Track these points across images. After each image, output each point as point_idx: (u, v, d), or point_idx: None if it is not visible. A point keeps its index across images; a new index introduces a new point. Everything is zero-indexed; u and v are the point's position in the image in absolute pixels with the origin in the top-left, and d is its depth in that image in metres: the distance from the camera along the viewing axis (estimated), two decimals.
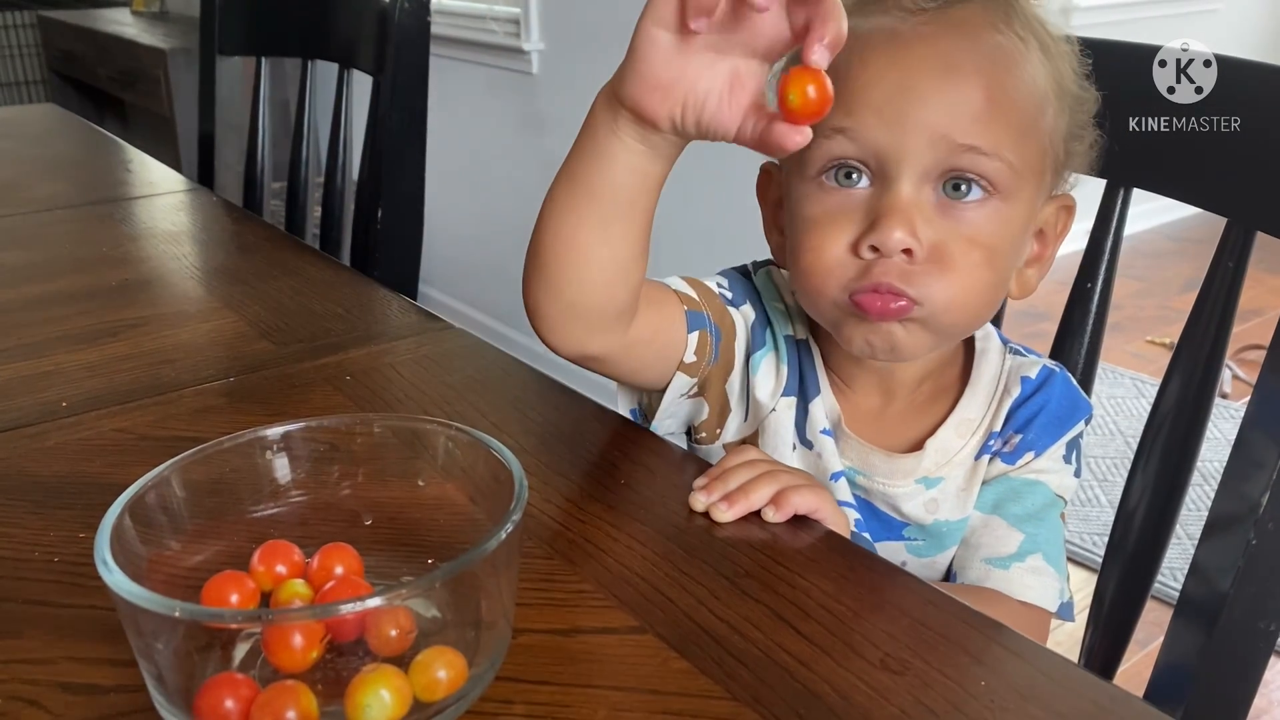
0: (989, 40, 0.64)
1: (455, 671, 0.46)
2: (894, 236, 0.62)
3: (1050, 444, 0.73)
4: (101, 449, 0.72)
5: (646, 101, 0.55)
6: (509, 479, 0.51)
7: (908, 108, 0.62)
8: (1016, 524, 0.71)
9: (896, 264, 0.63)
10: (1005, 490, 0.72)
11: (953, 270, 0.64)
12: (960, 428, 0.73)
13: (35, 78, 4.24)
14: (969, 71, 0.63)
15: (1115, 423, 2.51)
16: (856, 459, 0.74)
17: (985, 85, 0.62)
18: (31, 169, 1.55)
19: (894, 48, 0.63)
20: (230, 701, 0.44)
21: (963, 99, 0.62)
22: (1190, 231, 3.68)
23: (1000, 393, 0.74)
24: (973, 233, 0.64)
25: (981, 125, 0.62)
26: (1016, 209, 0.65)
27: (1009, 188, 0.64)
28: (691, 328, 0.71)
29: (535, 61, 2.54)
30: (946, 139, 0.62)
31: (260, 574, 0.52)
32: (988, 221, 0.64)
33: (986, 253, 0.64)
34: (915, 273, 0.63)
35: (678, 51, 0.53)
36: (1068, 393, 0.74)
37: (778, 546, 0.60)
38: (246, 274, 1.09)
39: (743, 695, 0.48)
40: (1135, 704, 0.48)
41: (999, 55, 0.64)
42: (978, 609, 0.50)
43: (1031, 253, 0.71)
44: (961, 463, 0.73)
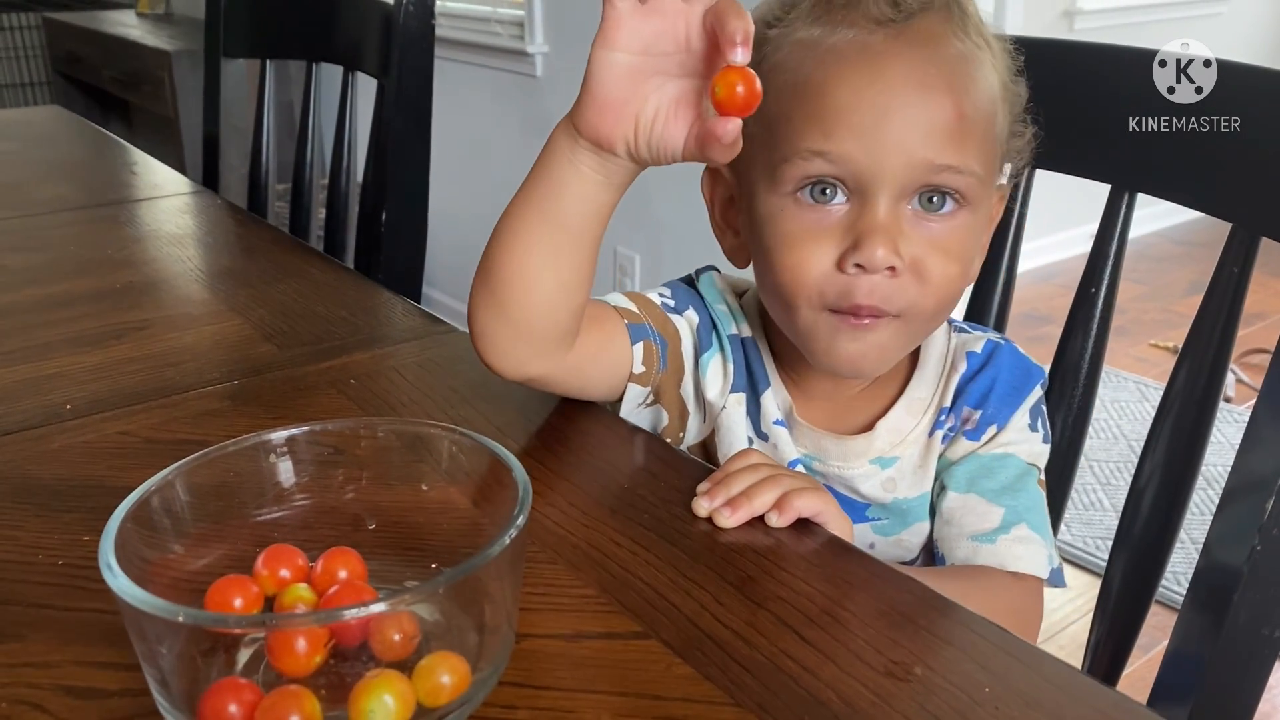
0: (953, 52, 0.65)
1: (459, 676, 0.46)
2: (878, 255, 0.64)
3: (1010, 414, 0.74)
4: (105, 452, 0.72)
5: (603, 125, 0.60)
6: (513, 483, 0.51)
7: (887, 130, 0.63)
8: (994, 499, 0.72)
9: (879, 280, 0.65)
10: (976, 467, 0.74)
11: (930, 282, 0.66)
12: (911, 407, 0.75)
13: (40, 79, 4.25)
14: (942, 89, 0.64)
15: (1119, 426, 2.50)
16: (810, 445, 0.76)
17: (956, 102, 0.64)
18: (36, 171, 1.55)
19: (869, 65, 0.64)
20: (234, 706, 0.44)
21: (939, 119, 0.64)
22: (1194, 235, 3.67)
23: (948, 369, 0.76)
24: (946, 243, 0.66)
25: (956, 143, 0.64)
26: (979, 214, 0.68)
27: (977, 197, 0.67)
28: (635, 339, 0.74)
29: (539, 64, 2.55)
30: (925, 160, 0.64)
31: (264, 578, 0.52)
32: (958, 231, 0.67)
33: (958, 261, 0.67)
34: (896, 287, 0.66)
35: (628, 75, 0.59)
36: (1017, 362, 0.76)
37: (781, 551, 0.60)
38: (251, 277, 1.09)
39: (747, 701, 0.48)
40: (1139, 711, 0.48)
41: (962, 67, 0.65)
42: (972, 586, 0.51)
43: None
44: (915, 441, 0.75)
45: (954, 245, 0.67)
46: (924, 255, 0.66)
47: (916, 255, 0.65)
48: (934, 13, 0.65)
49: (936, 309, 0.68)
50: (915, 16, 0.65)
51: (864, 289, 0.65)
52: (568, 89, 2.48)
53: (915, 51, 0.64)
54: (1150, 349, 2.96)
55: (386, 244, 1.36)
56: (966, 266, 0.69)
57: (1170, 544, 0.81)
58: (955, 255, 0.67)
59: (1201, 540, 0.76)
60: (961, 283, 0.69)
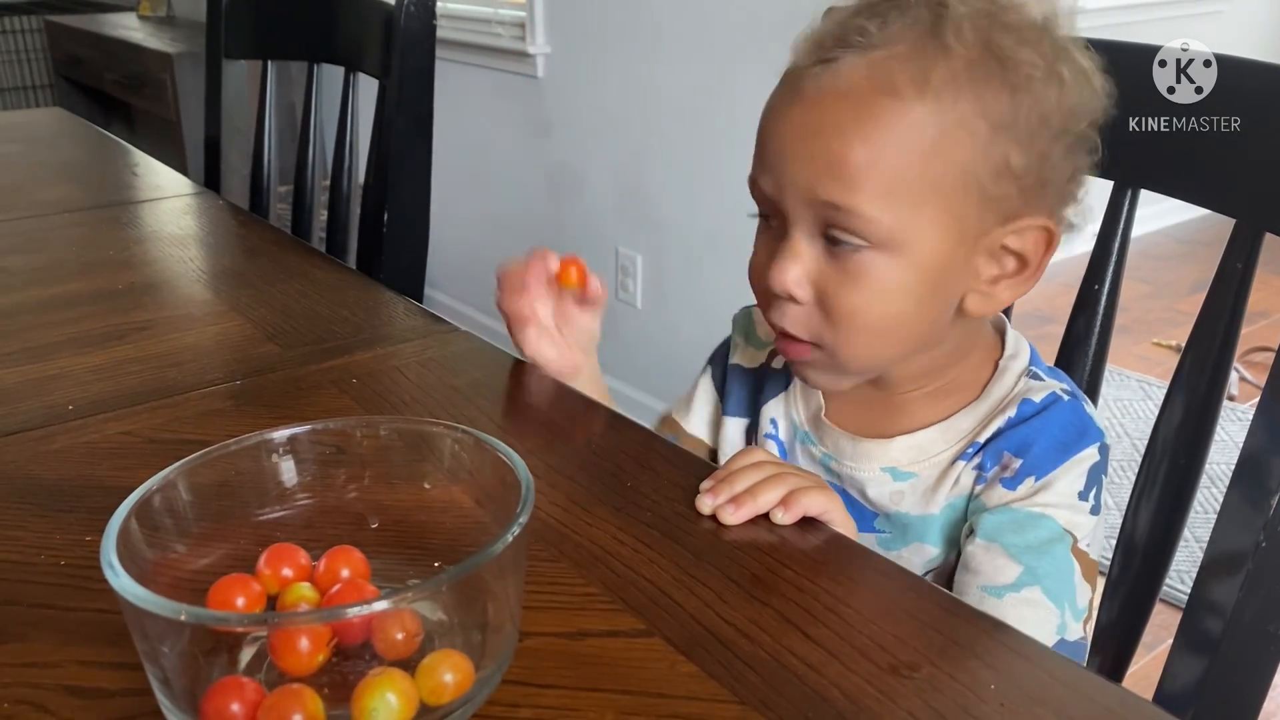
0: (864, 97, 0.64)
1: (462, 675, 0.46)
2: (777, 281, 0.68)
3: (1052, 469, 0.71)
4: (107, 452, 0.72)
5: (566, 375, 0.83)
6: (515, 482, 0.50)
7: (785, 167, 0.67)
8: (1017, 555, 0.69)
9: (791, 308, 0.69)
10: (1008, 520, 0.70)
11: (832, 315, 0.68)
12: (947, 433, 0.74)
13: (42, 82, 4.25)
14: (835, 132, 0.65)
15: (1122, 425, 2.50)
16: (831, 445, 0.78)
17: (848, 145, 0.64)
18: (38, 173, 1.55)
19: (785, 107, 0.68)
20: (236, 705, 0.44)
21: (828, 161, 0.65)
22: (1198, 234, 3.67)
23: (998, 411, 0.73)
24: (855, 281, 0.67)
25: (845, 185, 0.65)
26: (907, 256, 0.66)
27: (885, 240, 0.66)
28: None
29: (540, 65, 2.54)
30: (815, 198, 0.66)
31: (266, 577, 0.52)
32: (870, 270, 0.67)
33: (871, 298, 0.67)
34: (805, 316, 0.69)
35: (552, 344, 0.82)
36: (1074, 419, 0.72)
37: (785, 549, 0.59)
38: (253, 277, 1.09)
39: (751, 699, 0.48)
40: (1145, 708, 0.48)
41: (867, 113, 0.64)
42: None
43: (1002, 271, 0.70)
44: (936, 463, 0.74)
45: (863, 280, 0.67)
46: (830, 287, 0.68)
47: (823, 287, 0.68)
48: (876, 50, 0.65)
49: (849, 344, 0.69)
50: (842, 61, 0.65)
51: (777, 312, 0.70)
52: (569, 90, 2.49)
53: (825, 96, 0.66)
54: (1154, 348, 2.96)
55: (388, 245, 1.36)
56: (889, 302, 0.67)
57: (1174, 542, 0.81)
58: (865, 290, 0.67)
59: (1205, 538, 0.76)
60: (882, 318, 0.68)
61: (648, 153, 2.32)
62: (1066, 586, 0.69)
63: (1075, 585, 0.69)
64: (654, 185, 2.32)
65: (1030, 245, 0.69)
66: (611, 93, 2.38)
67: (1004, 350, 0.76)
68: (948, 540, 0.75)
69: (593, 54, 2.42)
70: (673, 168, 2.26)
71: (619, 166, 2.41)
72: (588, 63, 2.44)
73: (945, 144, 0.65)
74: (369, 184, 1.38)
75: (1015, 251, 0.69)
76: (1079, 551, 0.70)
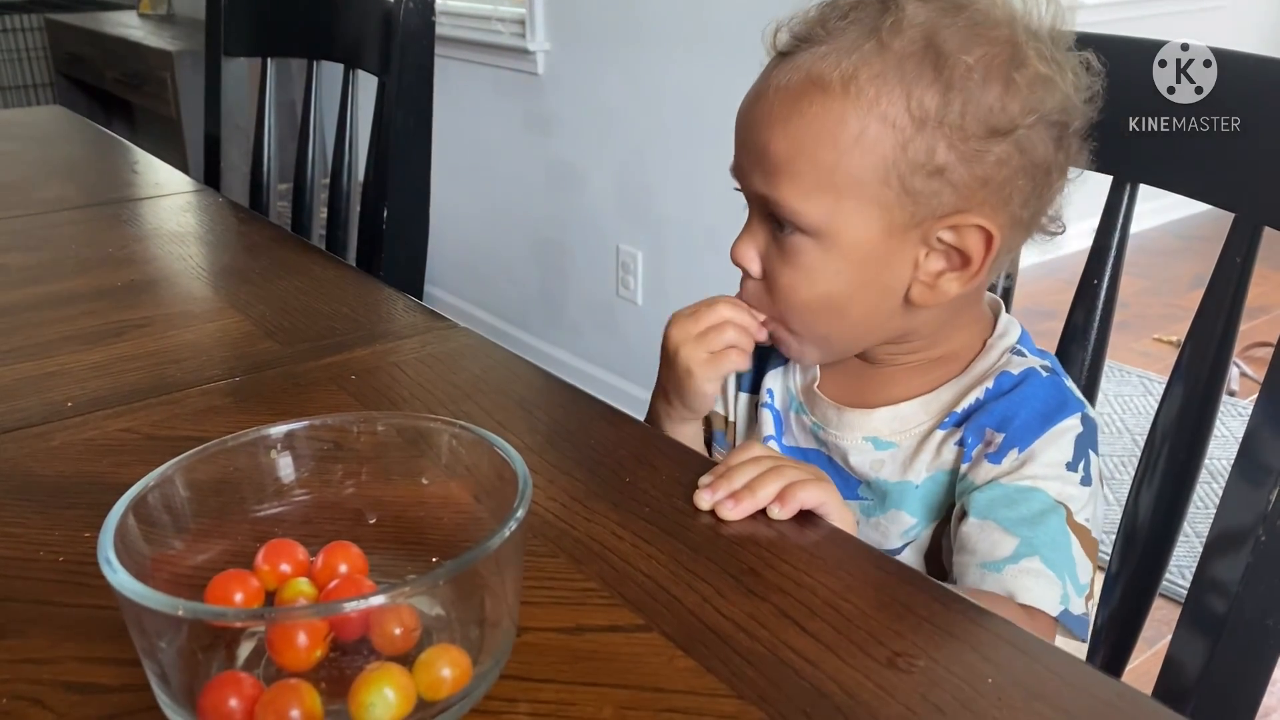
0: (794, 91, 0.69)
1: (460, 670, 0.46)
2: (733, 254, 0.75)
3: (1034, 439, 0.71)
4: (107, 449, 0.72)
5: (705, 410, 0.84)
6: (513, 477, 0.50)
7: (738, 157, 0.74)
8: (1011, 528, 0.69)
9: (749, 282, 0.76)
10: (999, 495, 0.71)
11: (775, 291, 0.74)
12: (929, 405, 0.77)
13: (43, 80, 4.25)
14: (766, 123, 0.70)
15: (1122, 420, 2.50)
16: (819, 415, 0.81)
17: (771, 140, 0.70)
18: (38, 170, 1.55)
19: (746, 98, 0.73)
20: (234, 700, 0.44)
21: (754, 152, 0.71)
22: (1197, 229, 3.67)
23: (978, 383, 0.75)
24: (789, 260, 0.72)
25: (767, 177, 0.70)
26: (834, 242, 0.70)
27: (812, 227, 0.70)
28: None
29: (540, 62, 2.54)
30: (751, 187, 0.72)
31: (264, 573, 0.52)
32: (800, 253, 0.71)
33: (800, 277, 0.72)
34: (760, 292, 0.75)
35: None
36: (1054, 392, 0.74)
37: (783, 544, 0.59)
38: (252, 274, 1.09)
39: (749, 694, 0.48)
40: (1144, 702, 0.48)
41: (795, 110, 0.69)
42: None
43: (942, 266, 0.71)
44: (916, 433, 0.76)
45: (796, 263, 0.72)
46: (772, 267, 0.74)
47: (768, 266, 0.74)
48: (823, 45, 0.68)
49: (791, 318, 0.74)
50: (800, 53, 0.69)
51: (741, 286, 0.77)
52: (569, 87, 2.49)
53: (770, 87, 0.70)
54: (1153, 343, 2.96)
55: (388, 242, 1.36)
56: (817, 288, 0.72)
57: (1174, 536, 0.81)
58: (798, 272, 0.72)
59: (1204, 532, 0.76)
60: (815, 301, 0.73)
61: (648, 149, 2.32)
62: (1065, 557, 0.69)
63: (1075, 558, 0.70)
64: (655, 182, 2.32)
65: (970, 243, 0.70)
66: (612, 90, 2.38)
67: (994, 330, 0.78)
68: (927, 510, 0.76)
69: (593, 51, 2.42)
70: (673, 164, 2.26)
71: (619, 163, 2.41)
72: (588, 60, 2.44)
73: (866, 139, 0.67)
74: (369, 181, 1.38)
75: (955, 247, 0.70)
76: (1076, 525, 0.70)
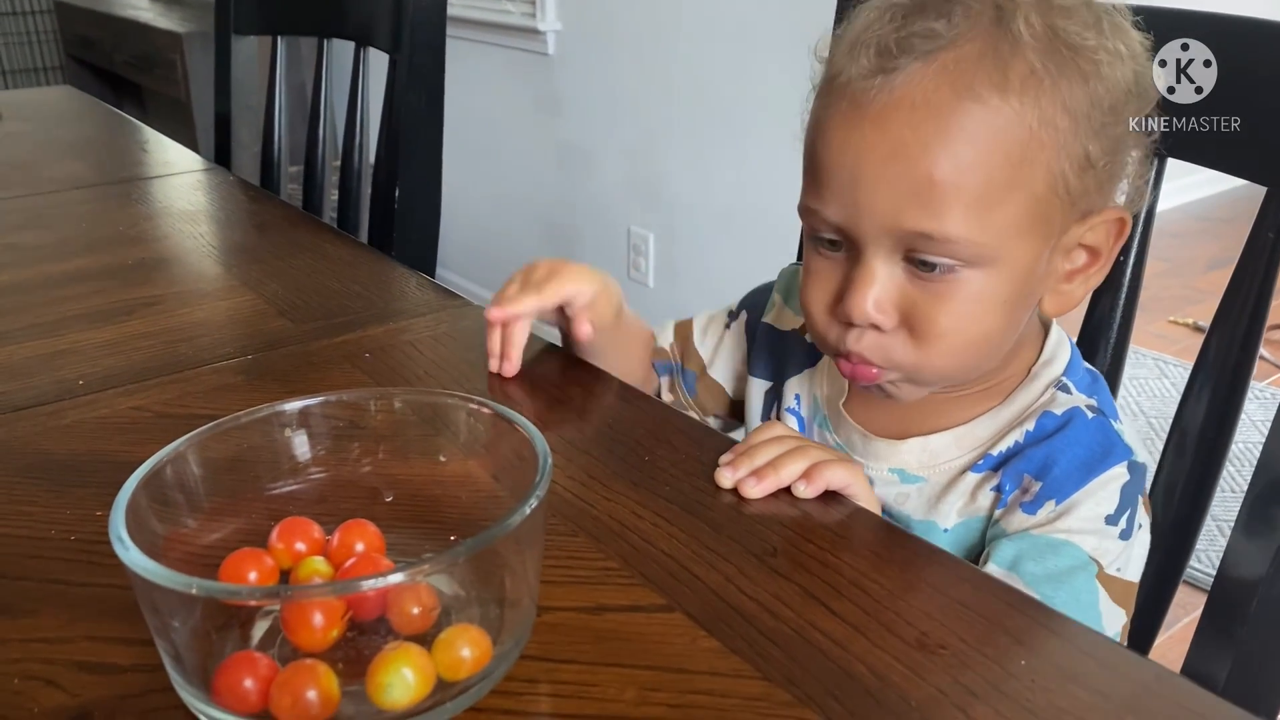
0: (944, 108, 0.59)
1: (480, 650, 0.45)
2: (857, 311, 0.63)
3: (1073, 491, 0.66)
4: (118, 427, 0.71)
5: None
6: (532, 455, 0.49)
7: (859, 196, 0.61)
8: (1033, 584, 0.65)
9: (869, 334, 0.64)
10: (1026, 547, 0.65)
11: (921, 340, 0.63)
12: (962, 440, 0.70)
13: (53, 64, 4.24)
14: (914, 154, 0.59)
15: (1138, 403, 2.48)
16: (843, 436, 0.75)
17: (932, 166, 0.59)
18: (49, 150, 1.54)
19: (847, 128, 0.61)
20: (249, 681, 0.43)
21: (907, 184, 0.60)
22: (1216, 211, 3.63)
23: (1017, 423, 0.70)
24: (945, 302, 0.62)
25: (931, 210, 0.59)
26: (1000, 271, 0.62)
27: (981, 257, 0.61)
28: (660, 374, 0.90)
29: (551, 42, 2.52)
30: (896, 227, 0.60)
31: (279, 551, 0.51)
32: (961, 290, 0.62)
33: (960, 319, 0.63)
34: (886, 342, 0.64)
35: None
36: (1100, 437, 0.68)
37: (808, 523, 0.58)
38: (263, 252, 1.08)
39: (775, 675, 0.47)
40: (1180, 683, 0.47)
41: (954, 123, 0.59)
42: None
43: (1076, 266, 0.67)
44: (946, 470, 0.70)
45: (955, 302, 0.62)
46: (917, 310, 0.63)
47: (909, 310, 0.63)
48: (939, 58, 0.59)
49: (937, 367, 0.65)
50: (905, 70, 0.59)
51: (852, 337, 0.65)
52: (580, 67, 2.47)
53: (893, 112, 0.59)
54: (1170, 325, 2.93)
55: (400, 222, 1.34)
56: (981, 318, 0.63)
57: (1200, 520, 0.79)
58: (958, 312, 0.62)
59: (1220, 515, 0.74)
60: (974, 334, 0.64)
61: (659, 131, 2.30)
62: (1087, 617, 0.65)
63: (1100, 614, 0.65)
64: (666, 163, 2.30)
65: (1103, 237, 0.66)
66: (623, 70, 2.36)
67: (1040, 354, 0.72)
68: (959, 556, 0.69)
69: (604, 31, 2.40)
70: (685, 146, 2.24)
71: (630, 145, 2.39)
72: (599, 40, 2.42)
73: (1033, 146, 0.59)
74: (380, 160, 1.37)
75: (1088, 245, 0.66)
76: (1106, 578, 0.65)
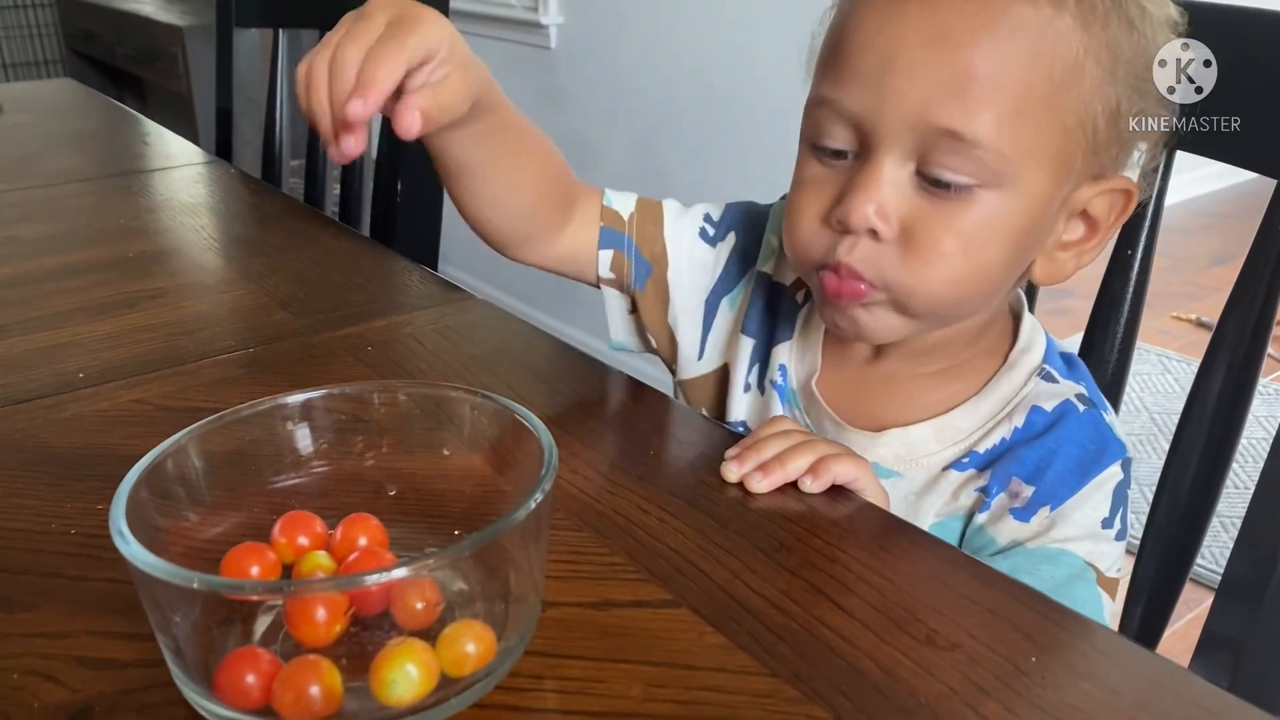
0: (1001, 2, 0.56)
1: (484, 645, 0.44)
2: (857, 213, 0.59)
3: (1068, 497, 0.64)
4: (119, 420, 0.70)
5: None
6: (536, 448, 0.49)
7: (889, 80, 0.57)
8: None
9: (863, 244, 0.60)
10: (1022, 561, 0.63)
11: (919, 257, 0.59)
12: (943, 434, 0.67)
13: (54, 57, 4.23)
14: (959, 41, 0.55)
15: (1141, 399, 2.47)
16: (814, 419, 0.72)
17: (976, 57, 0.55)
18: (50, 142, 1.54)
19: (888, 5, 0.58)
20: (251, 676, 0.42)
21: (946, 73, 0.56)
22: (1218, 207, 3.62)
23: (1003, 415, 0.67)
24: (952, 221, 0.59)
25: (965, 106, 0.56)
26: (1014, 197, 0.59)
27: (1002, 175, 0.58)
28: (604, 245, 0.78)
29: (553, 36, 2.52)
30: (923, 120, 0.57)
31: (281, 546, 0.51)
32: (972, 211, 0.58)
33: (965, 242, 0.59)
34: (880, 255, 0.60)
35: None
36: (1092, 434, 0.65)
37: (814, 518, 0.58)
38: (265, 245, 1.07)
39: (782, 671, 0.46)
40: (1193, 680, 0.46)
41: (1006, 20, 0.56)
42: None
43: (1074, 236, 0.64)
44: (926, 466, 0.68)
45: (962, 223, 0.58)
46: (919, 224, 0.59)
47: (911, 223, 0.59)
48: None
49: (930, 292, 0.60)
50: None
51: (844, 246, 0.60)
52: (582, 61, 2.46)
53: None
54: (1173, 321, 2.92)
55: (402, 217, 1.34)
56: (976, 251, 0.59)
57: (1208, 516, 0.79)
58: (959, 233, 0.58)
59: (1222, 512, 0.74)
60: (966, 267, 0.60)
61: (662, 125, 2.29)
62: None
63: (1106, 621, 0.63)
64: (669, 158, 2.29)
65: (1106, 208, 0.62)
66: (625, 64, 2.35)
67: (1016, 340, 0.69)
68: None
69: (606, 24, 2.39)
70: (688, 140, 2.23)
71: (633, 139, 2.39)
72: (601, 33, 2.41)
73: (1075, 72, 0.56)
74: (382, 153, 1.36)
75: (1090, 215, 0.63)
76: (1106, 581, 0.64)
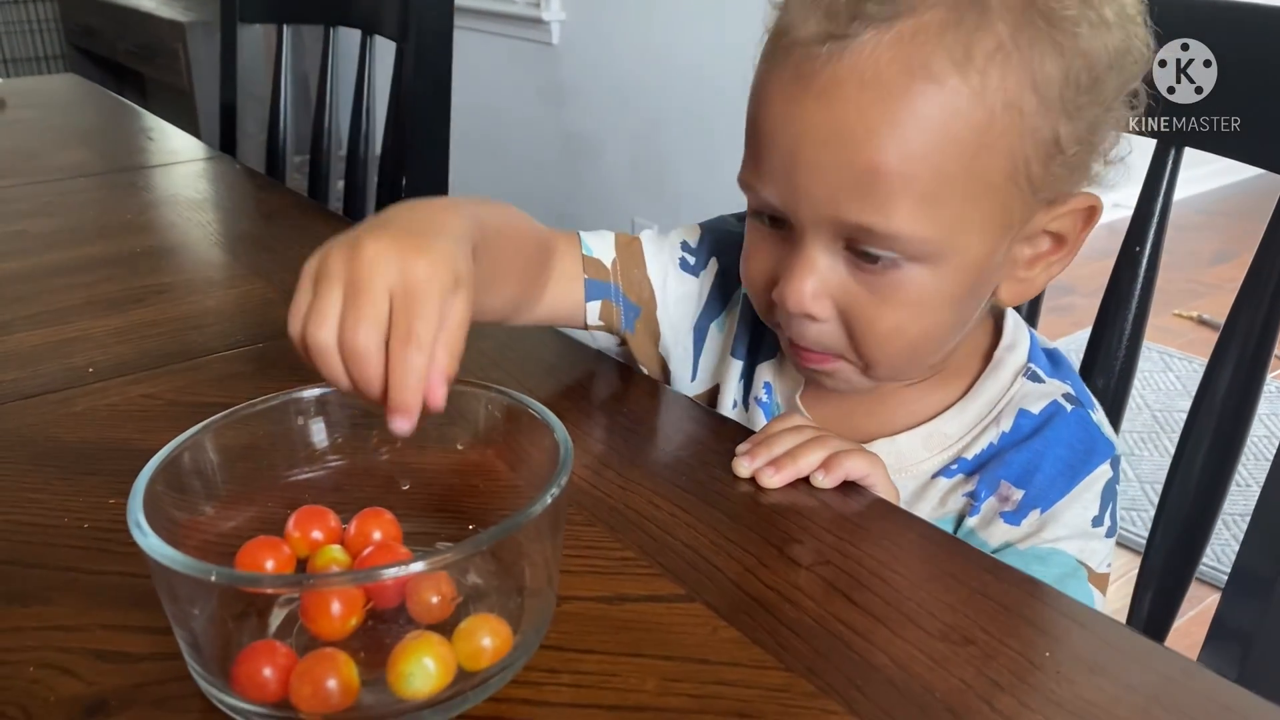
0: (895, 88, 0.53)
1: (500, 639, 0.44)
2: (792, 299, 0.60)
3: (1058, 498, 0.63)
4: (129, 415, 0.70)
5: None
6: (550, 444, 0.49)
7: (797, 178, 0.57)
8: None
9: (811, 325, 0.61)
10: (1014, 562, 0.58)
11: (869, 335, 0.60)
12: (930, 440, 0.67)
13: (55, 53, 4.23)
14: (860, 141, 0.54)
15: (1143, 396, 2.47)
16: None
17: (879, 156, 0.54)
18: (54, 138, 1.54)
19: (788, 101, 0.56)
20: (268, 670, 0.42)
21: (849, 174, 0.55)
22: (1219, 205, 3.62)
23: (990, 420, 0.66)
24: (889, 297, 0.59)
25: (875, 204, 0.55)
26: (948, 266, 0.58)
27: (926, 254, 0.57)
28: (591, 297, 0.75)
29: (555, 32, 2.52)
30: (834, 217, 0.57)
31: (296, 540, 0.51)
32: (909, 284, 0.58)
33: (904, 316, 0.59)
34: (826, 334, 0.61)
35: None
36: (1081, 434, 0.65)
37: (826, 514, 0.58)
38: (272, 240, 1.07)
39: (796, 666, 0.46)
40: (1207, 675, 0.46)
41: (905, 108, 0.53)
42: None
43: (1040, 250, 0.63)
44: (915, 475, 0.67)
45: (899, 297, 0.58)
46: (856, 306, 0.59)
47: (846, 305, 0.60)
48: (904, 20, 0.53)
49: (884, 361, 0.61)
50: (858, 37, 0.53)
51: (794, 328, 0.62)
52: (584, 57, 2.46)
53: (841, 83, 0.54)
54: (1174, 319, 2.92)
55: None
56: (926, 314, 0.59)
57: (1216, 513, 0.79)
58: (903, 309, 0.59)
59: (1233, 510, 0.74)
60: (919, 328, 0.60)
61: (664, 121, 2.29)
62: None
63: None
64: (671, 154, 2.30)
65: (1070, 224, 0.62)
66: (628, 60, 2.35)
67: (999, 339, 0.68)
68: None
69: (609, 20, 2.39)
70: (690, 136, 2.23)
71: (635, 135, 2.39)
72: (604, 29, 2.41)
73: (993, 132, 0.54)
74: (387, 147, 1.36)
75: (1054, 232, 0.62)
76: (1097, 577, 0.64)
